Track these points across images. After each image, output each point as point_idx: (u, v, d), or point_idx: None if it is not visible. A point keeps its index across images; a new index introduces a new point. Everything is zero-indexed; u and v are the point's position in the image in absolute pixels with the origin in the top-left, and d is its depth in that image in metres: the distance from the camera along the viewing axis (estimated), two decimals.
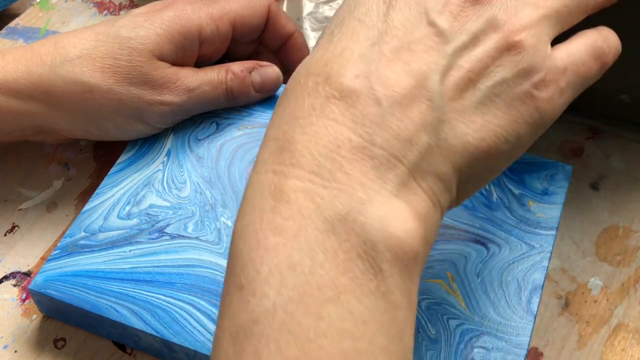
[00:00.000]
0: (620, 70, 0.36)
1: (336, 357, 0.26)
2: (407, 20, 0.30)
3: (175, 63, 0.45)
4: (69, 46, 0.43)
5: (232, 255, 0.29)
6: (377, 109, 0.29)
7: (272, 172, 0.29)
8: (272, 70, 0.47)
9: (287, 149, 0.29)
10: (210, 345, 0.37)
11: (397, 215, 0.28)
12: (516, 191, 0.43)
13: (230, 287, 0.28)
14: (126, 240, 0.41)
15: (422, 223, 0.29)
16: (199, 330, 0.38)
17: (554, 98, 0.31)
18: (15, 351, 0.41)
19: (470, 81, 0.30)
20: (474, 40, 0.30)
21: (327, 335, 0.26)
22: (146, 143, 0.46)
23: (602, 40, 0.34)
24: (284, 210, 0.28)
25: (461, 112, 0.30)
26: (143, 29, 0.44)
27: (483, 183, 0.32)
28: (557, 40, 0.33)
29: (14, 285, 0.44)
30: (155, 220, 0.42)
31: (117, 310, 0.39)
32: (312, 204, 0.27)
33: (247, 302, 0.27)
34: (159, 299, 0.39)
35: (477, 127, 0.30)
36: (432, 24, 0.30)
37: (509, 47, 0.31)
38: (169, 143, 0.46)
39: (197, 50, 0.46)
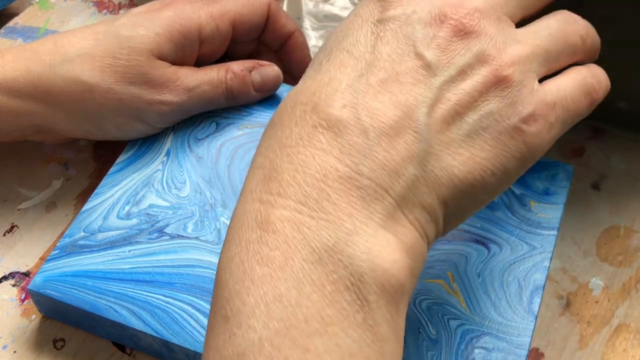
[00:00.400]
0: (618, 79, 0.36)
1: None
2: (394, 52, 0.31)
3: (175, 62, 0.45)
4: (69, 45, 0.43)
5: (218, 286, 0.29)
6: (364, 139, 0.29)
7: (258, 202, 0.29)
8: (272, 70, 0.47)
9: (274, 178, 0.29)
10: None
11: (384, 247, 0.28)
12: (517, 191, 0.43)
13: (217, 319, 0.28)
14: (125, 240, 0.41)
15: (408, 255, 0.28)
16: (198, 331, 0.38)
17: (542, 132, 0.31)
18: (15, 351, 0.41)
19: (457, 114, 0.30)
20: (462, 73, 0.30)
21: None
22: (146, 143, 0.46)
23: (592, 77, 0.34)
24: (270, 240, 0.28)
25: (448, 144, 0.30)
26: (142, 28, 0.43)
27: (468, 215, 0.32)
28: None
29: (13, 286, 0.44)
30: (155, 220, 0.42)
31: (116, 311, 0.38)
32: (298, 234, 0.27)
33: (233, 334, 0.27)
34: (158, 299, 0.39)
35: (463, 159, 0.30)
36: (419, 56, 0.30)
37: (497, 82, 0.31)
38: (168, 143, 0.45)
39: (197, 50, 0.45)
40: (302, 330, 0.26)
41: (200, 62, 0.46)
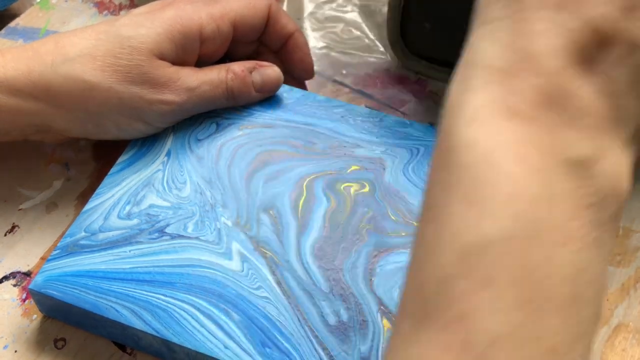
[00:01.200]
0: None
1: (560, 299, 0.25)
2: None
3: (176, 62, 0.45)
4: (70, 45, 0.43)
5: (456, 165, 0.27)
6: None
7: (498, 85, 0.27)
8: (272, 71, 0.47)
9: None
10: (210, 346, 0.37)
11: (625, 170, 0.28)
12: None
13: (451, 199, 0.26)
14: (126, 240, 0.41)
15: (631, 182, 0.28)
16: (198, 330, 0.38)
17: None
18: (16, 351, 0.41)
19: None
20: None
21: (551, 276, 0.25)
22: (146, 143, 0.46)
23: None
24: (526, 139, 0.26)
25: None
26: (144, 28, 0.44)
27: None
28: None
29: (14, 285, 0.44)
30: (156, 220, 0.42)
31: (117, 310, 0.39)
32: (557, 143, 0.26)
33: (480, 220, 0.26)
34: (159, 299, 0.39)
35: None
36: None
37: None
38: (169, 143, 0.46)
39: (197, 50, 0.46)
40: (547, 238, 0.26)
41: (201, 63, 0.46)
